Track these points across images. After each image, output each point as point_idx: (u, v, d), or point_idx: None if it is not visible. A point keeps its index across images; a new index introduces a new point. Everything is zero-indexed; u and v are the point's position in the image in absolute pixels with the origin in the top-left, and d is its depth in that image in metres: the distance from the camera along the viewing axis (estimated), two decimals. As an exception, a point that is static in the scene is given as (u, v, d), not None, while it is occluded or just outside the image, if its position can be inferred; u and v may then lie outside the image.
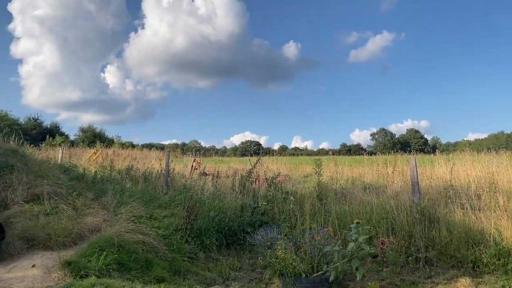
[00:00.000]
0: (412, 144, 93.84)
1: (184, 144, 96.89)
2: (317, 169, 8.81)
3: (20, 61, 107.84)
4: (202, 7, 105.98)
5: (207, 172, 13.84)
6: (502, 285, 5.31)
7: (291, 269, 5.87)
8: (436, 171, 10.29)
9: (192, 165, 15.50)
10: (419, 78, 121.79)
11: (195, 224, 7.13)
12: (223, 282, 6.13)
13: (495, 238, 6.03)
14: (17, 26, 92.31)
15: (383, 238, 6.02)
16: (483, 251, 5.90)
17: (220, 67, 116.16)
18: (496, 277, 5.64)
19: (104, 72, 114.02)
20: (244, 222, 7.64)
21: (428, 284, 5.76)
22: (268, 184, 9.33)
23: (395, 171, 12.53)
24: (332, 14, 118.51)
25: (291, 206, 7.88)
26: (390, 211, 7.18)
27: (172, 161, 11.20)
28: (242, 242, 7.54)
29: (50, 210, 6.67)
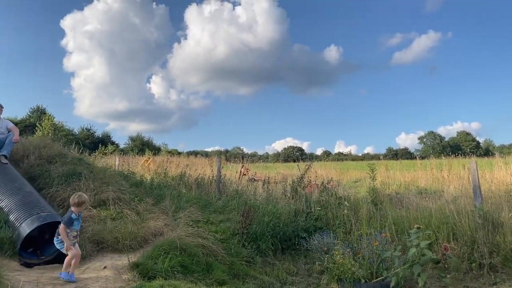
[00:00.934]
0: (463, 147, 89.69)
1: (227, 151, 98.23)
2: (371, 174, 8.72)
3: (72, 74, 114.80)
4: (243, 15, 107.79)
5: (256, 178, 14.01)
6: None
7: (349, 274, 5.84)
8: (496, 175, 9.90)
9: (241, 171, 15.74)
10: (468, 78, 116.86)
11: (251, 228, 7.27)
12: (281, 286, 6.22)
13: None
14: (69, 42, 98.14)
15: (445, 244, 5.86)
16: (554, 258, 5.62)
17: (260, 74, 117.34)
18: None
19: (149, 83, 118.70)
20: (298, 227, 7.69)
21: (493, 291, 5.56)
22: (319, 189, 9.34)
23: (450, 175, 12.17)
24: (373, 16, 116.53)
25: (345, 211, 7.84)
26: (450, 216, 6.98)
27: (222, 167, 11.46)
28: (297, 247, 7.58)
29: (115, 215, 7.05)
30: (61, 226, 5.02)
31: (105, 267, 5.49)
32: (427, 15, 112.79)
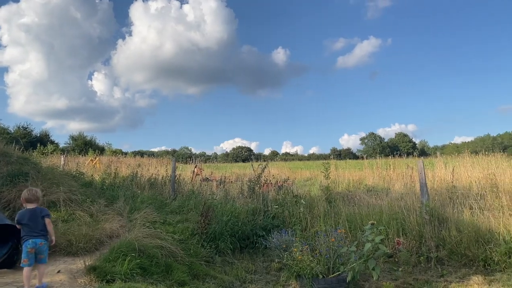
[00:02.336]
0: (401, 147, 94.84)
1: (174, 151, 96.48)
2: (325, 172, 8.99)
3: (6, 70, 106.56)
4: (191, 14, 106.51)
5: (210, 178, 13.92)
6: (516, 282, 5.50)
7: (308, 271, 5.98)
8: (438, 173, 10.55)
9: (194, 171, 15.57)
10: (406, 83, 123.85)
11: (210, 228, 7.23)
12: (241, 285, 6.25)
13: (504, 237, 6.24)
14: (3, 35, 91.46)
15: (398, 239, 6.20)
16: (494, 250, 6.10)
17: (209, 74, 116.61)
18: (508, 274, 5.83)
19: (91, 80, 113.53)
20: (256, 226, 7.76)
21: (441, 283, 5.92)
22: (276, 188, 9.48)
23: (395, 174, 12.82)
24: (319, 20, 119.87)
25: (302, 209, 8.02)
26: (399, 212, 7.37)
27: (177, 167, 11.28)
28: (255, 245, 7.65)
29: (67, 217, 6.72)
30: (48, 219, 4.72)
31: (59, 271, 5.22)
32: (368, 21, 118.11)
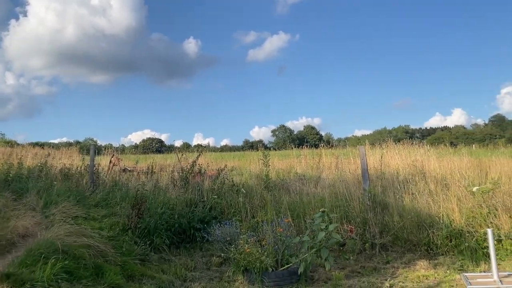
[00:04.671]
0: (309, 139, 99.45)
1: (78, 142, 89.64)
2: (264, 160, 8.63)
3: None
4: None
5: (129, 168, 12.80)
6: (461, 265, 5.65)
7: (258, 264, 5.57)
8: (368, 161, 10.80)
9: (111, 161, 14.19)
10: (312, 78, 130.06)
11: (143, 222, 6.44)
12: (182, 284, 5.61)
13: (445, 221, 6.43)
14: None
15: (351, 226, 6.05)
16: (436, 234, 6.25)
17: (116, 62, 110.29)
18: (450, 257, 6.01)
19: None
20: (194, 218, 7.13)
21: (389, 269, 5.89)
22: (211, 177, 8.91)
23: (321, 162, 12.99)
24: (230, 12, 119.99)
25: (241, 199, 7.56)
26: (342, 199, 7.28)
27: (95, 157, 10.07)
28: (194, 239, 7.02)
29: (-36, 215, 5.45)
30: None
31: (-42, 283, 4.12)
32: (278, 16, 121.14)
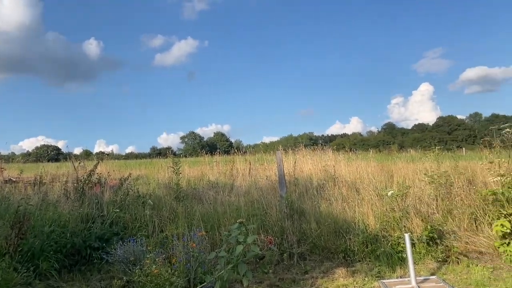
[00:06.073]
0: (219, 146, 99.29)
1: (-46, 150, 78.33)
2: (175, 167, 7.87)
3: None
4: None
5: (13, 179, 11.06)
6: (378, 271, 5.53)
7: (167, 287, 4.88)
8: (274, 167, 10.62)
9: (-9, 171, 12.14)
10: (221, 85, 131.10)
11: (25, 244, 5.32)
12: (74, 315, 4.69)
13: (360, 226, 6.34)
14: None
15: (270, 237, 5.62)
16: (353, 240, 6.11)
17: (5, 62, 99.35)
18: (367, 264, 5.90)
19: None
20: (91, 236, 6.13)
21: (308, 280, 5.58)
22: (113, 188, 7.89)
23: (234, 169, 12.58)
24: (136, 14, 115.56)
25: (147, 211, 6.74)
26: (259, 207, 6.87)
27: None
28: (89, 261, 6.02)
29: None
30: None
31: None
32: (187, 22, 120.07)
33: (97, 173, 8.14)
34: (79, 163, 11.00)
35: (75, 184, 7.69)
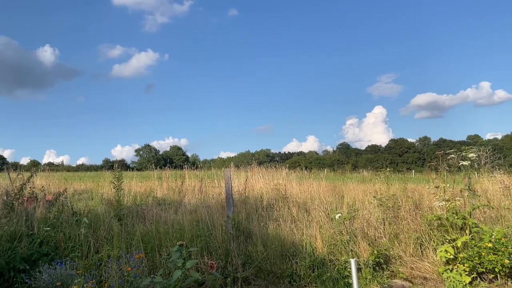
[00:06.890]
0: (175, 160, 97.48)
1: None
2: (116, 183, 7.39)
3: None
4: None
5: None
6: (322, 297, 5.36)
7: (95, 316, 4.45)
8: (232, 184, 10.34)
9: None
10: (180, 98, 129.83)
11: None
12: None
13: (308, 249, 6.17)
14: None
15: (212, 261, 5.30)
16: (299, 264, 5.91)
17: None
18: (313, 289, 5.71)
19: None
20: (16, 257, 5.55)
21: (250, 306, 5.34)
22: (46, 204, 7.28)
23: (183, 185, 12.17)
24: (94, 23, 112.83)
25: (82, 230, 6.24)
26: (204, 228, 6.55)
27: None
28: (12, 285, 5.44)
29: None
30: None
31: None
32: (147, 34, 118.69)
33: (31, 187, 7.51)
34: (18, 174, 10.20)
35: (4, 198, 7.03)
